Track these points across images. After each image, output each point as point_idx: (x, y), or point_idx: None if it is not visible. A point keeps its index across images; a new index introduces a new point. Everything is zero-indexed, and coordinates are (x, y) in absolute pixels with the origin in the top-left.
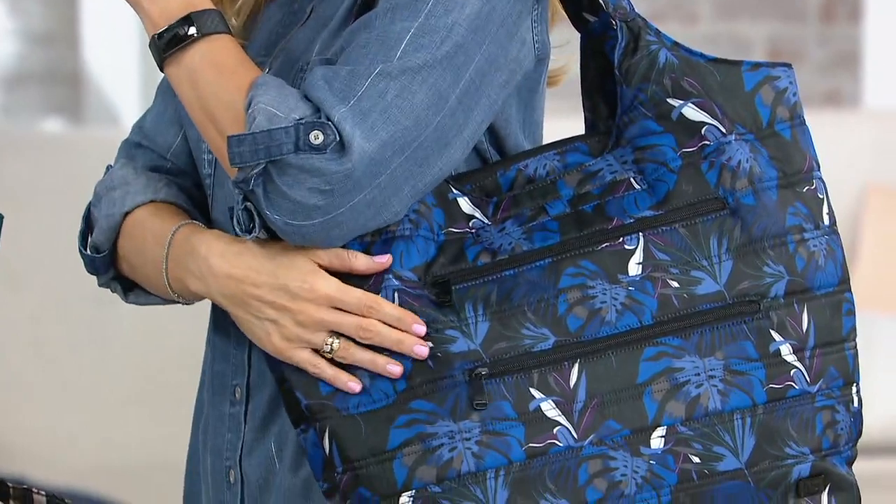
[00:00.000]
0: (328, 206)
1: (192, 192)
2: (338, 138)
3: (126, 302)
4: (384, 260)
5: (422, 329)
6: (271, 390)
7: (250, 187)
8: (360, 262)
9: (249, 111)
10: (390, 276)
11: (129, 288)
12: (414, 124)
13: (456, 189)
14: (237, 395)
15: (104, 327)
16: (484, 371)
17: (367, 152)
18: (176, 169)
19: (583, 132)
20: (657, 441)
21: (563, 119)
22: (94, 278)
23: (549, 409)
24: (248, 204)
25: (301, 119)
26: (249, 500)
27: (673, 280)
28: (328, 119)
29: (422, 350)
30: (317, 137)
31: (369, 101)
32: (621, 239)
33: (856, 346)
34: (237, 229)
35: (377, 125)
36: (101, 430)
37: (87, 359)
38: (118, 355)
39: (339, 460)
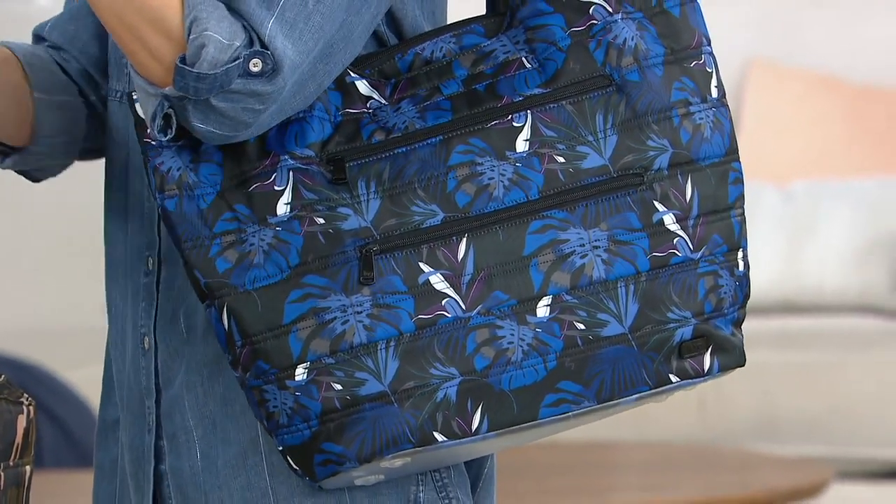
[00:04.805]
0: (255, 120)
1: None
2: (272, 64)
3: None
4: None
5: None
6: None
7: (182, 103)
8: None
9: (193, 37)
10: (286, 156)
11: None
12: (331, 27)
13: (354, 73)
14: (150, 265)
15: (15, 188)
16: (375, 248)
17: (296, 64)
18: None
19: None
20: (543, 310)
21: None
22: None
23: (438, 281)
24: (170, 111)
25: (241, 46)
26: (163, 366)
27: (559, 155)
28: (258, 33)
29: None
30: (256, 65)
31: (293, 10)
32: (510, 116)
33: (743, 214)
34: (154, 131)
35: (305, 35)
36: (14, 293)
37: None
38: (30, 218)
39: (239, 335)
